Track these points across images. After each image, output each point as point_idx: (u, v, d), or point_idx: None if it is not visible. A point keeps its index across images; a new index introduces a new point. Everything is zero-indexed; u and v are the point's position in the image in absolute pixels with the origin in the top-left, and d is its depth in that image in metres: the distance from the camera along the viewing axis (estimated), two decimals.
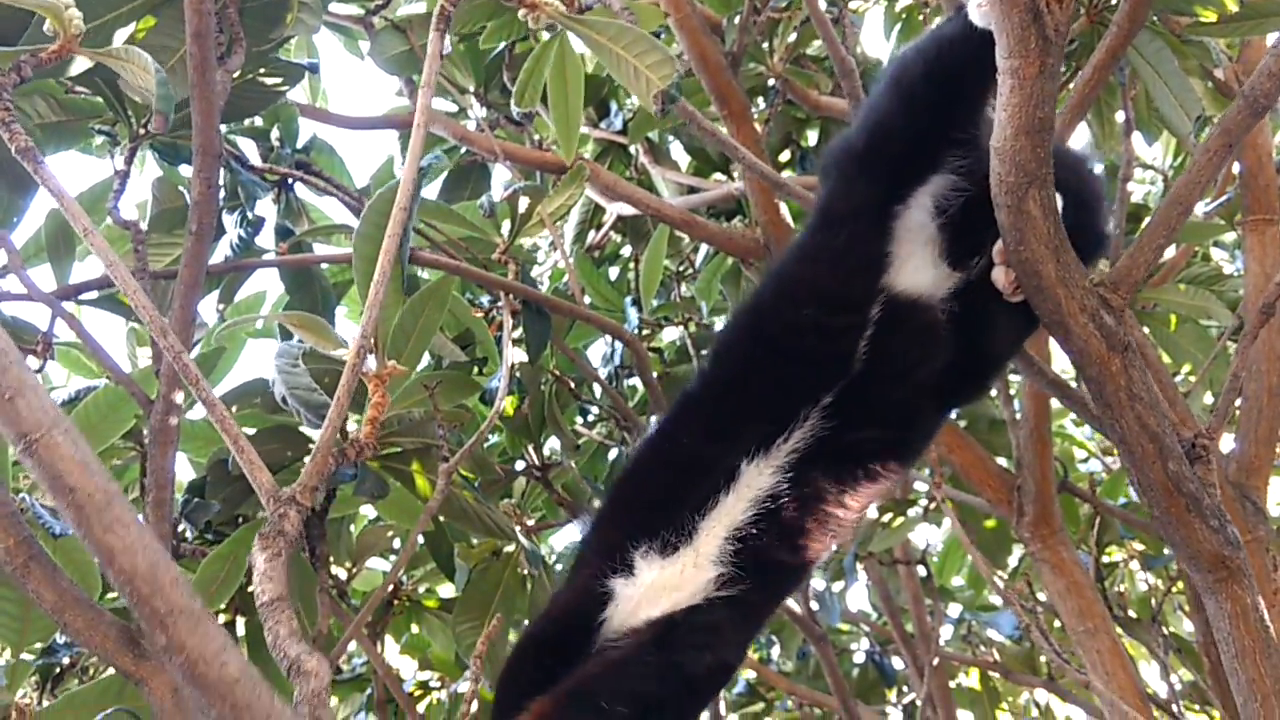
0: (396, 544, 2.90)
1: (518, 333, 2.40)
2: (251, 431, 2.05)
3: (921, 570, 3.32)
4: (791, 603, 2.62)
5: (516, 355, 2.45)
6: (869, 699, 3.50)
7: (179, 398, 1.62)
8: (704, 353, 3.34)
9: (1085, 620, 2.19)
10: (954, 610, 3.79)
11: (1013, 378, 2.48)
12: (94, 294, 1.96)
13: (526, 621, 2.52)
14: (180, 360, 1.12)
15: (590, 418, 3.32)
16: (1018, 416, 2.36)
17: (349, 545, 2.68)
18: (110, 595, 2.13)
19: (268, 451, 2.00)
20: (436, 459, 2.12)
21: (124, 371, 1.66)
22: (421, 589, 2.86)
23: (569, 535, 3.31)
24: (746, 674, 3.83)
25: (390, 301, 1.62)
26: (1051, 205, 1.22)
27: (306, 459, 2.13)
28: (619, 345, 2.75)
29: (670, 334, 3.72)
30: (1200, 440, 1.50)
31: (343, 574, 2.67)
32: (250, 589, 1.25)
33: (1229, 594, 1.46)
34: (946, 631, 3.89)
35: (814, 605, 2.88)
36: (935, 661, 2.76)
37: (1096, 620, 2.20)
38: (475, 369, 2.51)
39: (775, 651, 3.75)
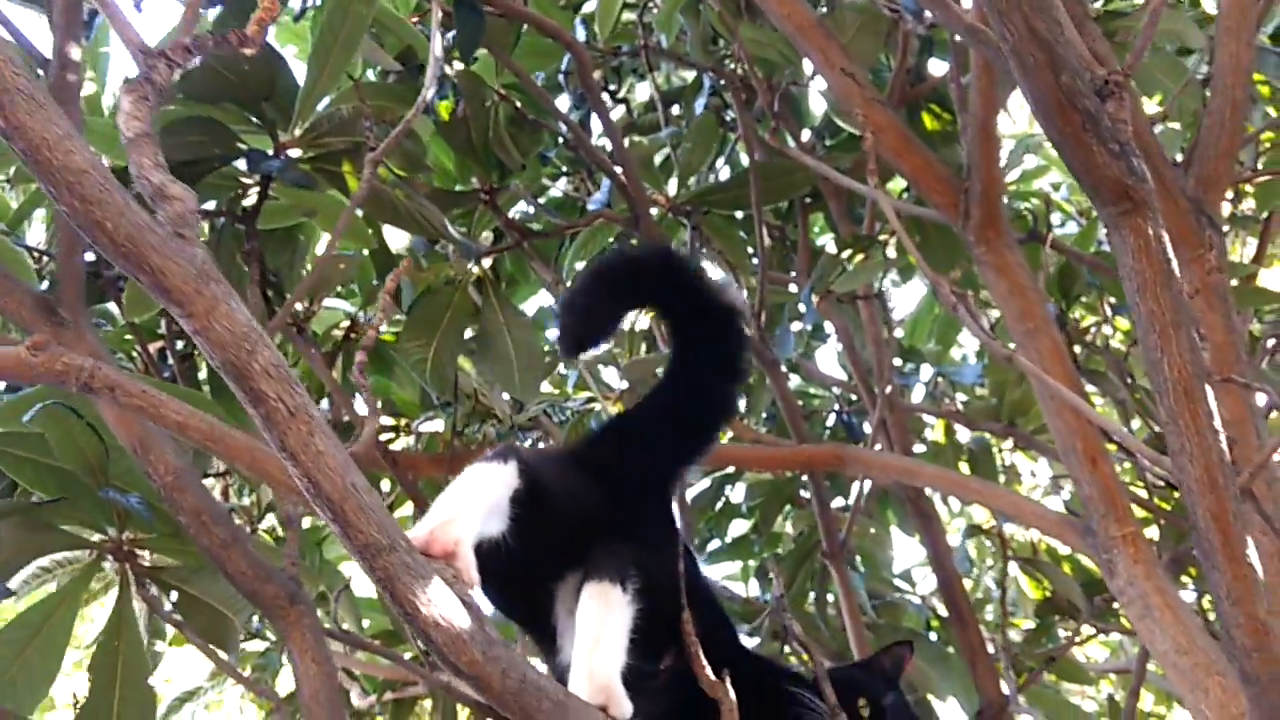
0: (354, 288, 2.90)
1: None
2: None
3: (891, 334, 3.30)
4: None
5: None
6: None
7: (75, 53, 1.58)
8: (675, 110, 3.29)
9: (1026, 321, 2.19)
10: (926, 375, 3.83)
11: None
12: None
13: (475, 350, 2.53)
14: None
15: (552, 168, 3.28)
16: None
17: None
18: None
19: (193, 144, 1.98)
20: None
21: (13, 24, 1.62)
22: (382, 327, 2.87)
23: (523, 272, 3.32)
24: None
25: None
26: None
27: (236, 161, 2.11)
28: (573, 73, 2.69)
29: (642, 93, 3.66)
30: (1113, 77, 1.46)
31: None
32: None
33: (1132, 227, 1.44)
34: (918, 395, 3.93)
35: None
36: (888, 389, 2.77)
37: (1037, 321, 2.19)
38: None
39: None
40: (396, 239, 2.80)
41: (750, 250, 3.14)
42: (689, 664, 1.42)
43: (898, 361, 3.83)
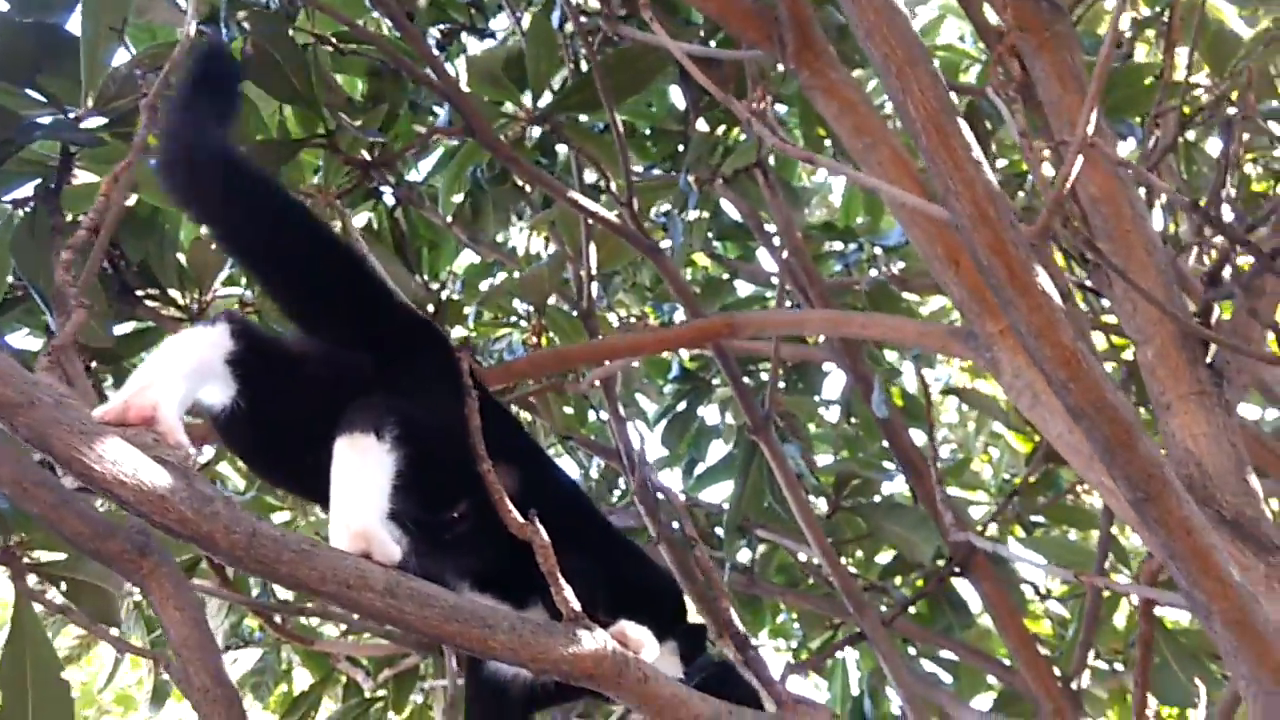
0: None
1: None
2: None
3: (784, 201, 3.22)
4: (612, 216, 2.57)
5: None
6: None
7: None
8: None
9: (862, 136, 2.12)
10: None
11: None
12: None
13: None
14: None
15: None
16: None
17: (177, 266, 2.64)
18: None
19: None
20: None
21: None
22: None
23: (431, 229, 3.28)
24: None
25: None
26: None
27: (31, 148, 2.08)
28: None
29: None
30: None
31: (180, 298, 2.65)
32: None
33: None
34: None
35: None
36: (785, 255, 2.70)
37: (873, 134, 2.12)
38: None
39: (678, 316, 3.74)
40: None
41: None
42: (495, 514, 1.37)
43: (839, 245, 3.79)
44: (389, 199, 3.12)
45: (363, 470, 1.27)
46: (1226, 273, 2.10)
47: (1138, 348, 2.08)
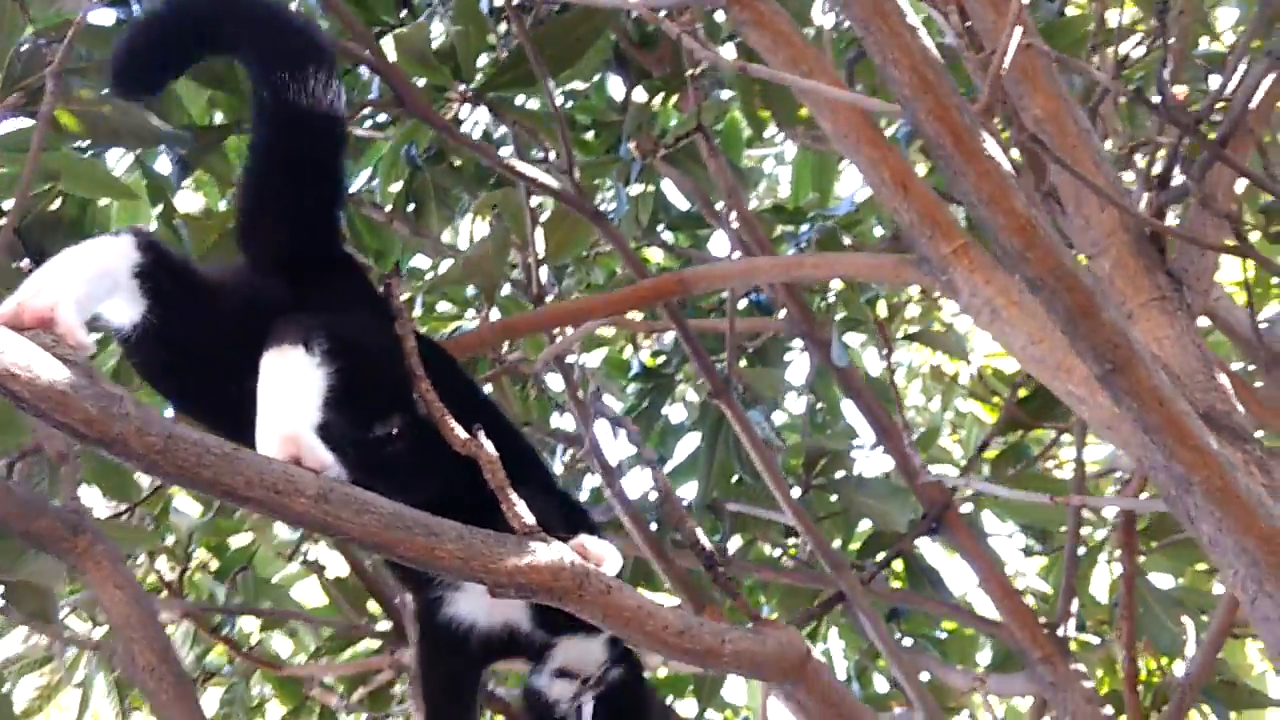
0: None
1: None
2: None
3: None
4: (552, 182, 2.51)
5: None
6: None
7: None
8: None
9: (798, 66, 2.07)
10: None
11: None
12: None
13: None
14: None
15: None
16: None
17: None
18: None
19: None
20: None
21: None
22: None
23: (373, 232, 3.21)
24: None
25: None
26: None
27: None
28: None
29: None
30: None
31: None
32: None
33: None
34: None
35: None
36: (732, 218, 2.65)
37: (810, 62, 2.08)
38: None
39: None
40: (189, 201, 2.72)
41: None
42: (434, 435, 1.30)
43: (789, 227, 3.74)
44: None
45: (291, 380, 1.19)
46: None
47: (1093, 261, 2.04)
